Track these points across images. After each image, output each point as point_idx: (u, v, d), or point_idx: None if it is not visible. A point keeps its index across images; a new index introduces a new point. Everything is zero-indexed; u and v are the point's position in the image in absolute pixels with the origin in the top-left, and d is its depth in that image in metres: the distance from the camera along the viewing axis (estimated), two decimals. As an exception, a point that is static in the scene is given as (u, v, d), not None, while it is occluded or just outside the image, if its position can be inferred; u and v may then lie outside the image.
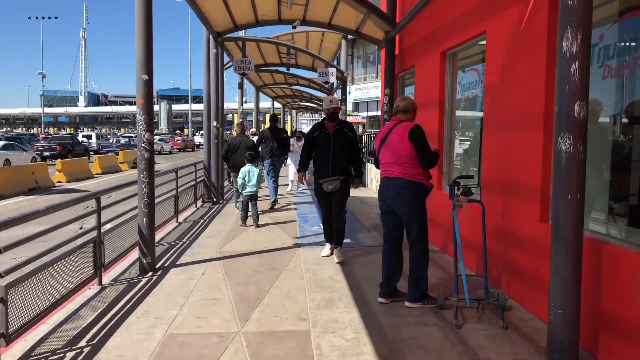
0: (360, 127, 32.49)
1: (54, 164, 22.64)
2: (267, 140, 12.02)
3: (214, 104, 12.49)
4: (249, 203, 9.61)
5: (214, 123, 12.49)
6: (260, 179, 9.60)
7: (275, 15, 11.32)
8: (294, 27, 11.73)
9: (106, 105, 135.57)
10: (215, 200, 12.59)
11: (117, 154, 30.66)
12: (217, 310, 4.99)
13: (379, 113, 35.46)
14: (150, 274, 6.34)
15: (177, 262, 6.90)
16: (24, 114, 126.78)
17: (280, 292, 5.56)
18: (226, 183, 15.99)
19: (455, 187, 4.99)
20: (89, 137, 42.09)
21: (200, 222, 10.00)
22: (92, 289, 5.73)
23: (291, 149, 15.04)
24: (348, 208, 12.36)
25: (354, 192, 14.80)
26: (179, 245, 7.93)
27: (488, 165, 5.88)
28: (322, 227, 8.47)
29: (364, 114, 35.98)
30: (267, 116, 16.44)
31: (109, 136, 52.61)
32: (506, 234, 5.29)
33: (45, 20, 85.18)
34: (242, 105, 19.38)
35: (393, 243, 5.19)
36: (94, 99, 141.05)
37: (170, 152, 45.77)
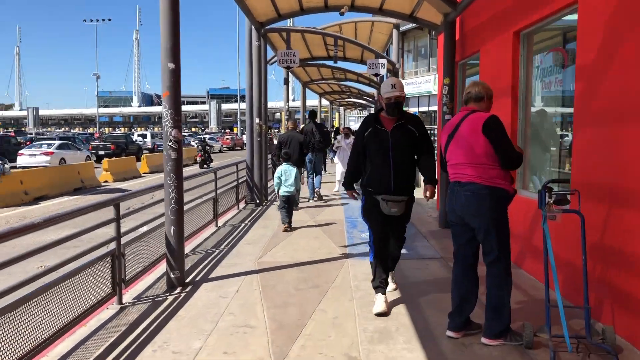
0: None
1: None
2: (308, 135, 12.22)
3: (257, 100, 11.72)
4: (289, 203, 8.92)
5: (257, 120, 11.72)
6: (298, 179, 9.03)
7: (321, 1, 10.42)
8: (342, 14, 10.79)
9: (159, 105, 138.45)
10: (258, 201, 11.83)
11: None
12: (249, 342, 4.13)
13: (431, 108, 34.08)
14: (178, 290, 5.57)
15: (210, 276, 6.11)
16: (81, 114, 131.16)
17: (325, 318, 4.65)
18: (270, 183, 15.26)
19: (547, 194, 3.94)
20: (144, 136, 43.90)
21: (241, 227, 9.23)
22: (110, 308, 4.99)
23: (337, 144, 14.13)
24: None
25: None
26: (215, 254, 7.16)
27: (581, 166, 4.77)
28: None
29: (415, 109, 34.65)
30: (310, 113, 15.70)
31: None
32: (610, 253, 4.19)
33: (100, 23, 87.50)
34: (287, 101, 18.61)
35: (465, 263, 4.18)
36: (147, 99, 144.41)
37: (220, 151, 45.70)
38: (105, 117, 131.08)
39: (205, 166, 25.17)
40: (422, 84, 34.40)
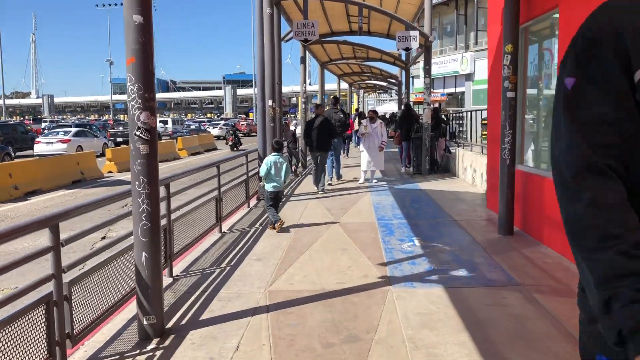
0: (434, 106, 29.09)
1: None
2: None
3: (269, 79, 9.94)
4: (276, 200, 7.72)
5: (270, 102, 9.96)
6: (288, 173, 7.84)
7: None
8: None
9: (175, 91, 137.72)
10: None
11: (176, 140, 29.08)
12: None
13: (458, 89, 31.95)
14: (153, 343, 3.87)
15: (202, 317, 4.40)
16: (97, 101, 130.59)
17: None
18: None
19: None
20: (164, 122, 43.44)
21: (250, 233, 7.52)
22: (45, 383, 3.31)
23: (363, 130, 12.31)
24: (437, 204, 9.56)
25: (443, 186, 11.92)
26: (212, 278, 5.45)
27: None
28: (414, 243, 5.88)
29: (440, 90, 32.57)
30: (331, 98, 14.12)
31: (185, 121, 52.88)
32: None
33: (112, 8, 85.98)
34: (304, 83, 16.81)
35: None
36: (163, 85, 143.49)
37: (237, 137, 44.06)
38: (121, 103, 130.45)
39: (235, 149, 26.66)
40: (448, 63, 32.25)
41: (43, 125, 44.97)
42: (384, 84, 35.89)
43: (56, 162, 16.07)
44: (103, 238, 8.03)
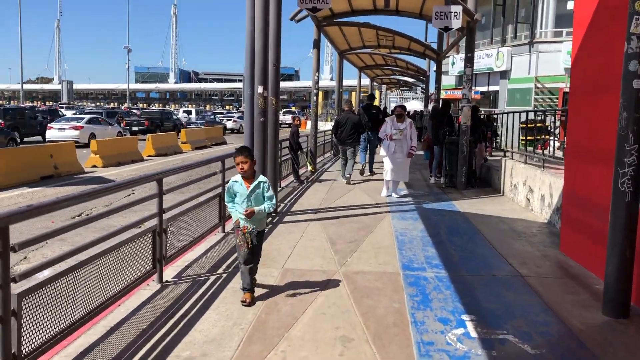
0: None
1: (144, 139, 21.89)
2: (362, 116, 12.39)
3: (260, 58, 7.28)
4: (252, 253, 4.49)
5: (260, 89, 7.29)
6: (272, 200, 4.50)
7: None
8: None
9: (196, 82, 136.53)
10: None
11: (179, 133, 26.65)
12: None
13: (491, 88, 28.91)
14: None
15: None
16: (118, 89, 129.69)
17: None
18: (285, 182, 11.07)
19: None
20: (189, 112, 45.06)
21: (211, 291, 4.89)
22: None
23: (398, 136, 9.61)
24: (485, 239, 6.84)
25: (486, 207, 9.15)
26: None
27: None
28: (467, 331, 3.31)
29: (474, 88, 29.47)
30: (353, 94, 11.98)
31: (208, 112, 52.10)
32: None
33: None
34: (317, 71, 14.05)
35: None
36: (185, 76, 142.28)
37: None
38: (142, 92, 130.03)
39: None
40: (481, 59, 29.12)
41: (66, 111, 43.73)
42: (410, 79, 33.03)
43: (22, 153, 13.64)
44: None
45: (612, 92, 4.36)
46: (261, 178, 4.45)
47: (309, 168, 12.39)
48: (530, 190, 8.75)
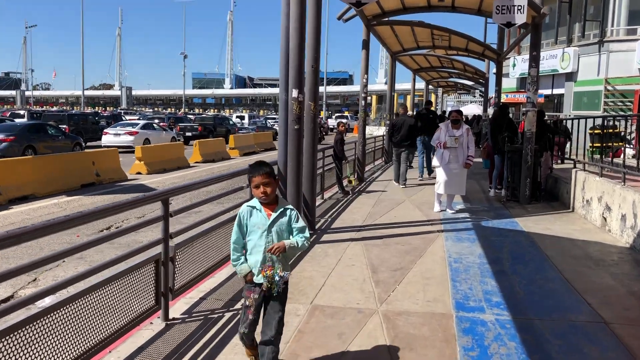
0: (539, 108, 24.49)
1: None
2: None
3: (295, 57, 6.50)
4: (261, 310, 3.27)
5: (294, 93, 6.50)
6: (296, 231, 3.26)
7: None
8: None
9: (252, 87, 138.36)
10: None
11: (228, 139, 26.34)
12: None
13: (555, 91, 27.10)
14: None
15: None
16: (175, 95, 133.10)
17: None
18: (327, 195, 10.27)
19: None
20: (242, 117, 45.58)
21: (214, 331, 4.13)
22: None
23: (452, 144, 8.65)
24: (556, 268, 5.75)
25: (555, 227, 7.97)
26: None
27: None
28: None
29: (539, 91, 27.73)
30: (408, 98, 11.03)
31: (260, 117, 52.80)
32: None
33: (190, 2, 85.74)
34: (366, 73, 13.15)
35: None
36: (241, 82, 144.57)
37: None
38: (198, 98, 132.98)
39: None
40: (545, 60, 27.34)
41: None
42: (468, 82, 31.61)
43: (63, 160, 13.43)
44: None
45: None
46: (286, 204, 3.31)
47: (349, 181, 11.49)
48: (607, 208, 7.55)
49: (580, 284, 5.15)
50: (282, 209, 3.23)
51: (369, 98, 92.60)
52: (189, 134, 30.09)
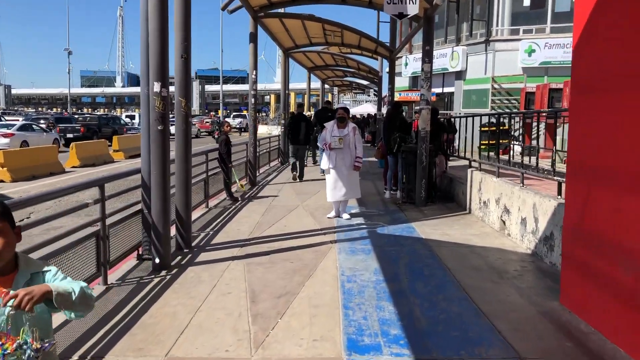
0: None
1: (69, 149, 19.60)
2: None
3: (157, 42, 5.40)
4: None
5: (156, 87, 5.41)
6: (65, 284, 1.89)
7: None
8: None
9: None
10: (158, 260, 5.52)
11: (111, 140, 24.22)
12: None
13: (445, 89, 27.74)
14: None
15: None
16: (62, 93, 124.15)
17: None
18: (197, 213, 9.19)
19: None
20: (132, 117, 43.10)
21: None
22: None
23: (337, 145, 7.92)
24: (459, 284, 5.15)
25: (453, 232, 7.49)
26: None
27: None
28: None
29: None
30: (305, 97, 9.89)
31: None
32: None
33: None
34: (255, 68, 12.15)
35: None
36: (133, 80, 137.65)
37: (197, 136, 38.57)
38: (87, 97, 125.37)
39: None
40: (435, 59, 27.83)
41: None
42: (363, 81, 31.63)
43: None
44: None
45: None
46: (36, 266, 2.00)
47: (239, 186, 10.40)
48: (506, 211, 7.18)
49: (486, 305, 4.56)
50: (28, 274, 1.94)
51: (267, 97, 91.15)
52: (70, 135, 27.80)
